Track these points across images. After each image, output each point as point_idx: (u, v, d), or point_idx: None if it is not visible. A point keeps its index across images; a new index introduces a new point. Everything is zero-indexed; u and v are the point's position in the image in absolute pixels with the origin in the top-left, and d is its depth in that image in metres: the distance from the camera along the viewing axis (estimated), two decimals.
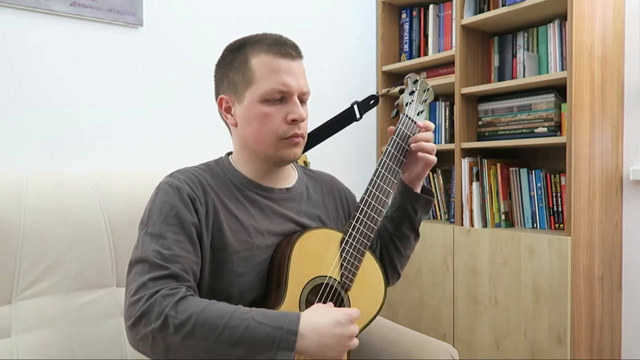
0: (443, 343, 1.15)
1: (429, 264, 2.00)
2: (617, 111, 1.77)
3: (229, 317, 0.77)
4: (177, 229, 0.86)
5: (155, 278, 0.81)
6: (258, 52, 0.93)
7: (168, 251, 0.84)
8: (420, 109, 1.07)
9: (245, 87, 0.93)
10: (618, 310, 1.81)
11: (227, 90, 0.97)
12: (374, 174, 0.98)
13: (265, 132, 0.93)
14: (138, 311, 0.78)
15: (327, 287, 0.93)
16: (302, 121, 0.95)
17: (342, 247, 0.94)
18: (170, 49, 1.67)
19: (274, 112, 0.92)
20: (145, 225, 0.89)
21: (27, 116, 1.40)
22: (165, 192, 0.90)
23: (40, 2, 1.39)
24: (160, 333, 0.76)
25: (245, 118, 0.95)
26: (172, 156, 1.66)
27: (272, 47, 0.93)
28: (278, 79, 0.92)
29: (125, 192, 1.25)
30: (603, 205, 1.72)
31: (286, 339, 0.76)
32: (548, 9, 1.73)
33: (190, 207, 0.89)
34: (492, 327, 1.80)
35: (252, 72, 0.93)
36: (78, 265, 1.14)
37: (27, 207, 1.11)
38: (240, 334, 0.76)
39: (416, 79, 1.09)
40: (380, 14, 2.21)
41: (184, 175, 0.94)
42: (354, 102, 1.14)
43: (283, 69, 0.92)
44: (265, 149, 0.95)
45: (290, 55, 0.94)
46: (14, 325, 1.06)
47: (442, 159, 2.24)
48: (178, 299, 0.78)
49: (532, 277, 1.68)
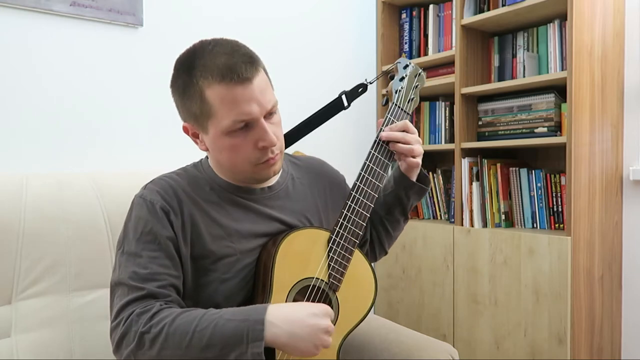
0: (443, 343, 1.15)
1: (429, 264, 2.00)
2: (617, 111, 1.77)
3: (199, 320, 0.77)
4: (153, 246, 0.85)
5: (132, 300, 0.81)
6: (210, 82, 0.84)
7: (144, 270, 0.83)
8: (411, 96, 1.02)
9: (206, 120, 0.87)
10: (618, 310, 1.81)
11: (189, 119, 0.91)
12: (362, 169, 0.95)
13: (238, 161, 0.90)
14: (118, 334, 0.79)
15: (314, 288, 0.91)
16: (273, 145, 0.89)
17: (329, 246, 0.92)
18: (170, 49, 1.66)
19: (242, 142, 0.87)
20: (121, 244, 0.88)
21: (27, 116, 1.40)
22: (139, 207, 0.89)
23: (41, 2, 1.39)
24: (138, 351, 0.77)
25: (215, 148, 0.91)
26: (172, 156, 1.65)
27: (225, 74, 0.83)
28: (237, 110, 0.84)
29: (125, 192, 1.24)
30: (603, 205, 1.72)
31: (254, 329, 0.75)
32: (548, 9, 1.73)
33: (164, 221, 0.87)
34: (492, 327, 1.80)
35: (209, 105, 0.85)
36: (78, 265, 1.15)
37: (27, 207, 1.11)
38: (209, 335, 0.76)
39: (406, 63, 1.04)
40: (380, 14, 2.21)
41: (157, 185, 0.91)
42: (341, 92, 1.10)
43: (240, 99, 0.84)
44: (242, 174, 0.93)
45: (246, 80, 0.84)
46: (14, 325, 1.07)
47: (442, 159, 2.24)
48: (151, 314, 0.79)
49: (532, 277, 1.68)
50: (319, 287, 0.91)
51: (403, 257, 2.10)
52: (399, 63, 1.04)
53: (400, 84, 1.02)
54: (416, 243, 2.04)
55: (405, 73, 1.03)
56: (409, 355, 1.08)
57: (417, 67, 1.05)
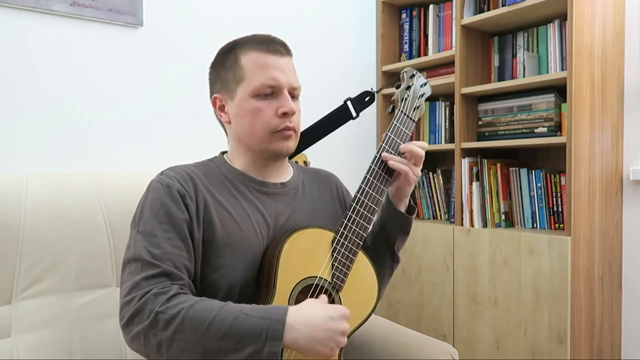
0: (443, 343, 1.15)
1: (429, 264, 2.00)
2: (617, 111, 1.77)
3: (218, 310, 0.78)
4: (167, 227, 0.87)
5: (147, 277, 0.82)
6: (247, 50, 0.96)
7: (159, 249, 0.84)
8: (417, 104, 1.04)
9: (237, 84, 0.96)
10: (618, 310, 1.81)
11: (220, 90, 1.00)
12: (368, 172, 0.97)
13: (257, 126, 0.95)
14: (130, 311, 0.79)
15: (317, 287, 0.92)
16: (293, 114, 0.96)
17: (334, 246, 0.93)
18: (170, 49, 1.67)
19: (265, 107, 0.95)
20: (136, 224, 0.89)
21: (27, 116, 1.40)
22: (155, 191, 0.91)
23: (41, 2, 1.39)
24: (150, 330, 0.77)
25: (237, 114, 0.97)
26: (172, 156, 1.66)
27: (261, 44, 0.96)
28: (267, 74, 0.94)
29: (125, 192, 1.25)
30: (603, 205, 1.72)
31: (274, 328, 0.76)
32: (548, 9, 1.73)
33: (180, 204, 0.89)
34: (492, 327, 1.80)
35: (243, 70, 0.96)
36: (78, 265, 1.15)
37: (27, 207, 1.11)
38: (228, 326, 0.76)
39: (413, 73, 1.06)
40: (380, 14, 2.21)
41: (174, 172, 0.94)
42: (347, 99, 1.11)
43: (272, 65, 0.95)
44: (259, 143, 0.97)
45: (279, 52, 0.97)
46: (14, 325, 1.06)
47: (442, 159, 2.24)
48: (169, 296, 0.79)
49: (532, 277, 1.68)
50: (322, 287, 0.92)
51: (403, 257, 2.09)
52: (405, 72, 1.06)
53: (407, 92, 1.04)
54: (416, 243, 2.04)
55: (412, 82, 1.05)
56: (409, 355, 1.08)
57: (423, 77, 1.08)
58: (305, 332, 0.77)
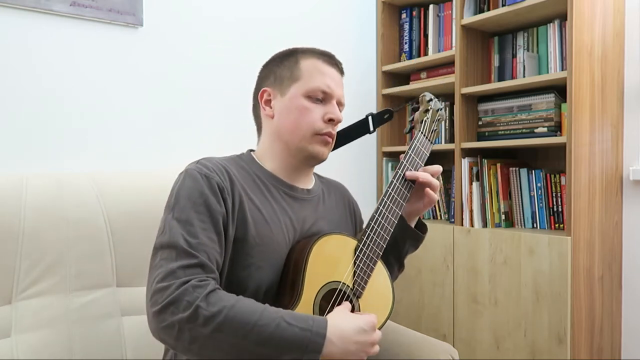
0: (443, 343, 1.15)
1: (429, 264, 2.00)
2: (617, 111, 1.77)
3: (260, 315, 0.78)
4: (204, 217, 0.86)
5: (184, 266, 0.80)
6: (309, 56, 1.01)
7: (195, 239, 0.83)
8: (434, 127, 1.11)
9: (292, 82, 1.00)
10: (618, 310, 1.81)
11: (272, 84, 1.02)
12: (389, 186, 1.01)
13: (302, 124, 0.98)
14: (166, 299, 0.77)
15: (340, 292, 0.93)
16: (339, 122, 1.01)
17: (356, 254, 0.96)
18: (170, 49, 1.67)
19: (314, 109, 0.98)
20: (172, 209, 0.87)
21: (27, 116, 1.40)
22: (193, 179, 0.89)
23: (40, 2, 1.39)
24: (188, 323, 0.76)
25: (284, 109, 0.99)
26: (172, 156, 1.66)
27: (322, 55, 1.02)
28: (324, 80, 0.99)
29: (125, 192, 1.25)
30: (603, 205, 1.72)
31: (314, 342, 0.78)
32: (548, 9, 1.73)
33: (218, 197, 0.88)
34: (492, 327, 1.80)
35: (300, 71, 1.00)
36: (78, 265, 1.15)
37: (27, 207, 1.11)
38: (270, 332, 0.77)
39: (430, 97, 1.12)
40: (380, 14, 2.21)
41: (211, 163, 0.93)
42: (368, 114, 1.17)
43: (328, 74, 1.00)
44: (298, 141, 0.98)
45: (336, 66, 1.03)
46: (14, 325, 1.07)
47: (442, 159, 2.24)
48: (209, 291, 0.78)
49: (532, 277, 1.68)
50: (344, 292, 0.94)
51: None
52: (424, 96, 1.12)
53: (425, 115, 1.11)
54: None
55: (430, 106, 1.12)
56: (409, 355, 1.09)
57: (439, 102, 1.14)
58: (340, 345, 0.81)
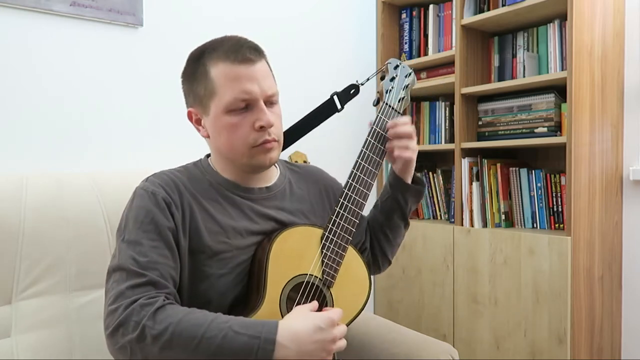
0: (443, 343, 1.15)
1: (429, 264, 2.00)
2: (617, 111, 1.77)
3: (207, 327, 0.76)
4: (153, 235, 0.85)
5: (132, 286, 0.80)
6: (216, 61, 0.91)
7: (145, 258, 0.83)
8: (402, 95, 1.04)
9: (209, 99, 0.92)
10: (618, 310, 1.81)
11: (194, 103, 0.96)
12: (354, 167, 0.97)
13: (235, 142, 0.92)
14: (116, 320, 0.77)
15: (307, 285, 0.92)
16: (270, 127, 0.92)
17: (323, 243, 0.93)
18: (170, 49, 1.67)
19: (241, 121, 0.91)
20: (122, 232, 0.88)
21: (27, 116, 1.40)
22: (140, 198, 0.89)
23: (41, 2, 1.39)
24: (138, 344, 0.76)
25: (214, 129, 0.94)
26: (171, 156, 1.65)
27: (230, 54, 0.90)
28: (239, 87, 0.89)
29: (126, 192, 1.23)
30: (603, 205, 1.72)
31: (264, 348, 0.75)
32: (548, 9, 1.73)
33: (166, 212, 0.88)
34: (492, 327, 1.80)
35: (213, 83, 0.91)
36: (78, 265, 1.15)
37: (27, 207, 1.11)
38: (218, 344, 0.75)
39: (397, 64, 1.06)
40: (380, 14, 2.21)
41: (159, 179, 0.92)
42: (333, 93, 1.11)
43: (243, 76, 0.89)
44: (239, 158, 0.94)
45: (249, 60, 0.90)
46: (14, 325, 1.07)
47: (442, 159, 2.24)
48: (156, 308, 0.77)
49: (532, 277, 1.68)
50: (313, 284, 0.92)
51: (403, 257, 2.10)
52: (389, 63, 1.06)
53: (390, 84, 1.04)
54: (416, 243, 2.04)
55: (396, 73, 1.05)
56: (409, 355, 1.09)
57: (407, 67, 1.07)
58: (295, 348, 0.77)
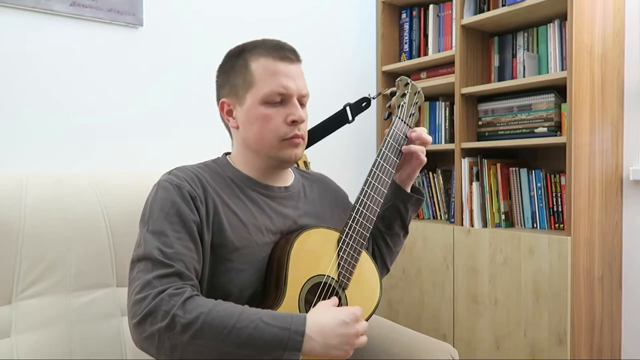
0: (443, 343, 1.15)
1: (429, 264, 2.00)
2: (617, 111, 1.77)
3: (238, 317, 0.78)
4: (178, 227, 0.87)
5: (159, 276, 0.81)
6: (257, 56, 0.96)
7: (170, 249, 0.84)
8: (412, 112, 1.10)
9: (246, 90, 0.96)
10: (618, 310, 1.81)
11: (229, 94, 1.00)
12: (369, 175, 1.00)
13: (266, 133, 0.96)
14: (144, 310, 0.78)
15: (325, 286, 0.94)
16: (302, 122, 0.97)
17: (340, 246, 0.96)
18: (170, 49, 1.67)
19: (275, 114, 0.95)
20: (146, 222, 0.88)
21: (27, 116, 1.40)
22: (165, 190, 0.90)
23: (40, 2, 1.39)
24: (167, 332, 0.77)
25: (246, 120, 0.97)
26: (172, 156, 1.66)
27: (271, 51, 0.96)
28: (277, 81, 0.94)
29: (125, 192, 1.25)
30: (603, 205, 1.72)
31: (293, 339, 0.78)
32: (548, 9, 1.73)
33: (191, 205, 0.89)
34: (492, 327, 1.80)
35: (253, 76, 0.95)
36: (78, 265, 1.15)
37: (27, 207, 1.11)
38: (248, 334, 0.77)
39: (407, 81, 1.12)
40: (380, 14, 2.21)
41: (183, 173, 0.94)
42: (346, 104, 1.16)
43: (282, 72, 0.95)
44: (267, 150, 0.97)
45: (289, 59, 0.97)
46: (14, 325, 1.06)
47: (442, 159, 2.24)
48: (185, 298, 0.79)
49: (532, 277, 1.68)
50: (330, 285, 0.94)
51: (403, 257, 2.10)
52: (400, 81, 1.12)
53: (402, 100, 1.09)
54: (416, 243, 2.04)
55: (407, 90, 1.11)
56: (409, 355, 1.09)
57: (417, 86, 1.13)
58: (321, 341, 0.80)
